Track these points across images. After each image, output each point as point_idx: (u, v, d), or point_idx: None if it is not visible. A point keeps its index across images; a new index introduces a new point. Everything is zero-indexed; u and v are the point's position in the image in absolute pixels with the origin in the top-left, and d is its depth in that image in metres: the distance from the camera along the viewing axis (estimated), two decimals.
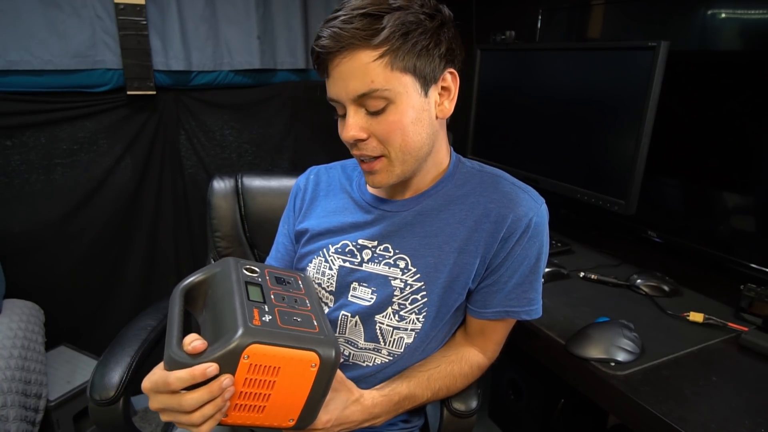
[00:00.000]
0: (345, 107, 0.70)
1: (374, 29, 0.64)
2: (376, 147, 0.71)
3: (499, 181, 0.79)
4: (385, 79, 0.66)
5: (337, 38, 0.65)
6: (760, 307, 0.94)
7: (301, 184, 0.93)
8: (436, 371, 0.79)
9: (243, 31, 1.64)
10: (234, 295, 0.62)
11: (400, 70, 0.67)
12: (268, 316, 0.60)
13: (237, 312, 0.59)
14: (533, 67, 1.34)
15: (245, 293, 0.63)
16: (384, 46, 0.65)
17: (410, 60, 0.67)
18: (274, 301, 0.64)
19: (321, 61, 0.69)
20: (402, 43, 0.66)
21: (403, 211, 0.80)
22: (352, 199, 0.86)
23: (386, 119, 0.69)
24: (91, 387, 0.82)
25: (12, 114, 1.42)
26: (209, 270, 0.69)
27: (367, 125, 0.70)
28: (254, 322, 0.58)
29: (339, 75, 0.68)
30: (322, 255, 0.84)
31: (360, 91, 0.67)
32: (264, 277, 0.70)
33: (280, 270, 0.75)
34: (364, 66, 0.66)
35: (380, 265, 0.79)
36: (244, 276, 0.67)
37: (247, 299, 0.62)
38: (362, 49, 0.65)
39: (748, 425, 0.69)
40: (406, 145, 0.71)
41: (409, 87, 0.68)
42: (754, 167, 1.05)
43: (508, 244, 0.75)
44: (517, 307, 0.78)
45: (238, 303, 0.60)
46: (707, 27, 1.12)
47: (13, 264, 1.45)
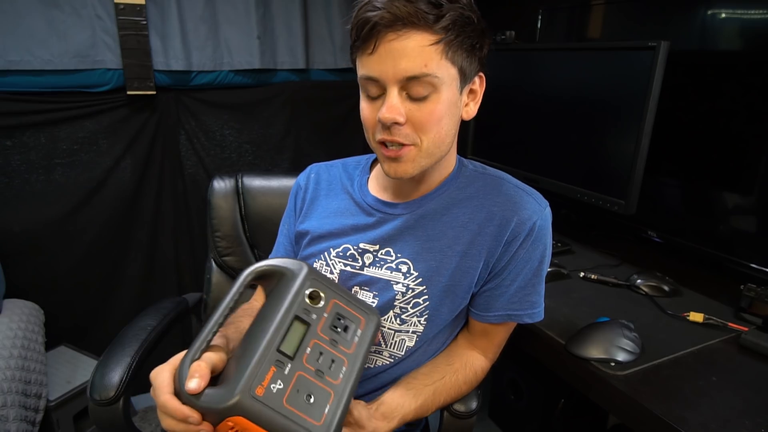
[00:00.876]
0: (385, 87, 0.67)
1: (436, 14, 0.63)
2: (410, 134, 0.69)
3: (502, 183, 0.79)
4: (437, 66, 0.65)
5: (399, 13, 0.62)
6: (760, 307, 0.94)
7: (302, 183, 0.92)
8: (441, 383, 0.78)
9: (243, 31, 1.64)
10: (268, 333, 0.56)
11: (450, 61, 0.66)
12: (279, 386, 0.54)
13: (251, 365, 0.53)
14: (533, 67, 1.34)
15: (281, 336, 0.57)
16: (443, 33, 0.64)
17: (460, 54, 0.67)
18: (304, 361, 0.57)
19: (368, 34, 0.64)
20: (457, 35, 0.65)
21: (406, 215, 0.79)
22: (353, 200, 0.85)
23: (427, 107, 0.67)
24: (91, 387, 0.82)
25: (12, 114, 1.42)
26: (284, 265, 0.64)
27: (406, 109, 0.67)
28: (257, 391, 0.52)
29: (389, 52, 0.64)
30: (323, 259, 0.83)
31: (411, 73, 0.65)
32: (323, 312, 0.62)
33: (350, 303, 0.66)
34: (420, 48, 0.64)
35: (382, 269, 0.79)
36: (303, 304, 0.61)
37: (276, 347, 0.56)
38: (422, 31, 0.63)
39: (748, 425, 0.69)
40: (438, 137, 0.70)
41: (453, 79, 0.68)
42: (754, 167, 1.05)
43: (512, 247, 0.74)
44: (519, 310, 0.78)
45: (261, 350, 0.55)
46: (707, 27, 1.12)
47: (13, 264, 1.45)
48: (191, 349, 0.56)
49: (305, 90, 1.83)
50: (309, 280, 0.63)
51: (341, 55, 1.86)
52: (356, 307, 0.67)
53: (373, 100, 0.70)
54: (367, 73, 0.67)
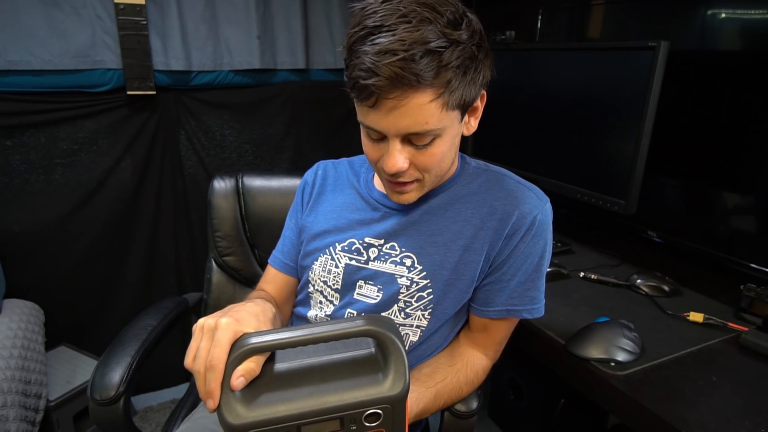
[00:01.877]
0: (387, 138, 0.67)
1: (437, 71, 0.60)
2: (414, 174, 0.71)
3: (504, 179, 0.80)
4: (438, 120, 0.65)
5: (397, 79, 0.59)
6: (760, 307, 0.94)
7: (309, 179, 0.93)
8: (443, 385, 0.78)
9: (243, 31, 1.64)
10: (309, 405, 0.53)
11: (451, 108, 0.66)
12: None
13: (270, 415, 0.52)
14: (533, 67, 1.34)
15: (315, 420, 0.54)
16: (442, 87, 0.62)
17: (461, 96, 0.66)
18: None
19: (368, 94, 0.62)
20: (459, 82, 0.64)
21: (410, 210, 0.80)
22: (359, 195, 0.86)
23: (430, 152, 0.69)
24: (91, 387, 0.82)
25: (12, 114, 1.42)
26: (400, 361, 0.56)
27: (410, 156, 0.69)
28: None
29: (389, 111, 0.63)
30: (328, 253, 0.84)
31: (412, 130, 0.65)
32: (367, 429, 0.56)
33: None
34: (420, 107, 0.62)
35: (386, 263, 0.80)
36: (359, 414, 0.55)
37: (300, 424, 0.54)
38: (421, 91, 0.61)
39: (748, 425, 0.69)
40: (441, 170, 0.73)
41: (454, 120, 0.68)
42: (754, 167, 1.06)
43: (513, 241, 0.75)
44: (519, 305, 0.78)
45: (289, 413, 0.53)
46: (707, 27, 1.12)
47: (13, 264, 1.45)
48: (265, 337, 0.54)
49: (305, 90, 1.83)
50: (388, 405, 0.56)
51: (341, 55, 1.86)
52: None
53: (375, 141, 0.70)
54: (368, 124, 0.67)
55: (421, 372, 0.79)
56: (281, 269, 0.93)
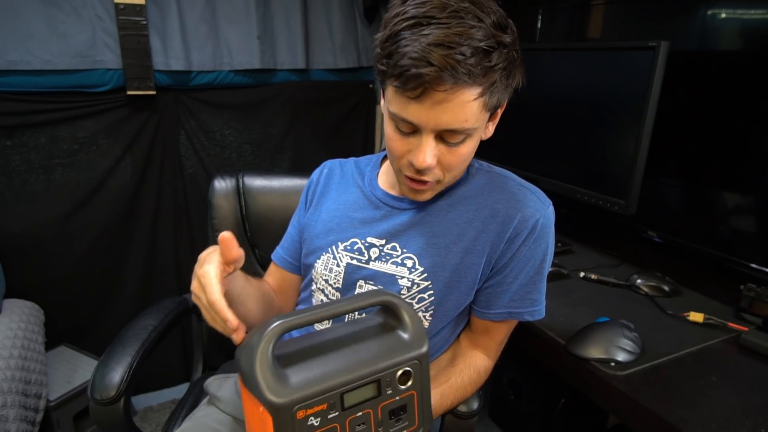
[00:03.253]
0: (421, 131, 0.67)
1: (486, 69, 0.61)
2: (438, 173, 0.71)
3: (506, 181, 0.80)
4: (476, 119, 0.65)
5: (453, 72, 0.59)
6: (760, 307, 0.94)
7: (315, 178, 0.94)
8: (448, 385, 0.79)
9: (243, 31, 1.64)
10: (350, 374, 0.56)
11: (487, 109, 0.66)
12: (315, 423, 0.54)
13: (314, 388, 0.54)
14: (533, 67, 1.34)
15: (355, 386, 0.57)
16: (488, 85, 0.63)
17: (498, 98, 0.66)
18: (347, 420, 0.57)
19: (417, 84, 0.61)
20: (501, 84, 0.64)
21: (412, 210, 0.80)
22: (363, 193, 0.86)
23: (459, 151, 0.69)
24: (92, 386, 0.82)
25: (12, 114, 1.41)
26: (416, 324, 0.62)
27: (439, 154, 0.69)
28: (298, 414, 0.53)
29: (433, 104, 0.63)
30: (330, 252, 0.84)
31: (451, 127, 0.65)
32: (397, 394, 0.60)
33: (424, 406, 0.63)
34: (464, 104, 0.63)
35: (387, 264, 0.80)
36: (392, 374, 0.59)
37: (342, 391, 0.56)
38: (469, 87, 0.62)
39: (748, 425, 0.69)
40: (460, 171, 0.74)
41: (485, 122, 0.69)
42: (754, 167, 1.06)
43: (515, 244, 0.75)
44: (520, 308, 0.78)
45: (332, 383, 0.55)
46: (707, 27, 1.12)
47: (13, 264, 1.45)
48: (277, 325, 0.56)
49: (305, 90, 1.83)
50: (416, 360, 0.62)
51: (341, 55, 1.86)
52: (422, 412, 0.65)
53: (404, 135, 0.69)
54: (405, 117, 0.66)
55: None
56: (282, 265, 0.94)
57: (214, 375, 0.97)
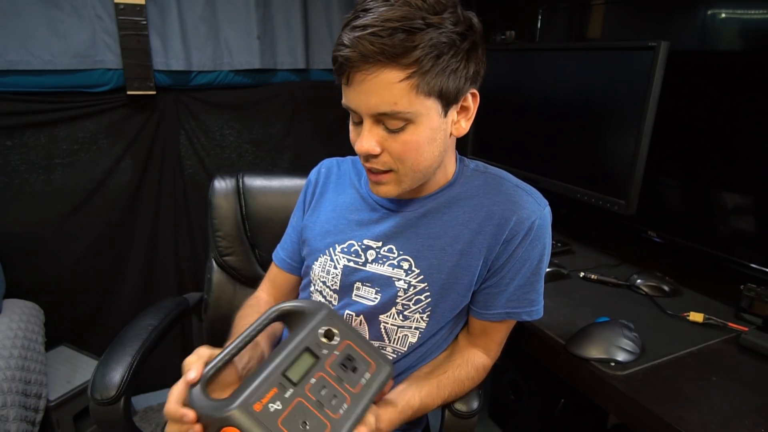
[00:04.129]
0: (362, 118, 0.69)
1: (405, 48, 0.60)
2: (387, 162, 0.70)
3: (502, 182, 0.79)
4: (408, 102, 0.64)
5: (365, 52, 0.61)
6: (760, 307, 0.94)
7: (312, 178, 0.93)
8: (445, 377, 0.79)
9: (243, 31, 1.64)
10: (277, 359, 0.59)
11: (424, 94, 0.65)
12: (277, 406, 0.55)
13: (254, 384, 0.56)
14: (533, 67, 1.34)
15: (289, 362, 0.59)
16: (413, 67, 0.62)
17: (437, 83, 0.64)
18: (306, 389, 0.58)
19: (341, 69, 0.65)
20: (432, 66, 0.63)
21: (408, 212, 0.80)
22: (360, 195, 0.86)
23: (403, 138, 0.68)
24: (92, 386, 0.82)
25: (12, 114, 1.42)
26: (305, 305, 0.67)
27: (382, 140, 0.68)
28: (254, 407, 0.54)
29: (360, 88, 0.64)
30: (328, 254, 0.84)
31: (381, 110, 0.65)
32: (334, 350, 0.63)
33: (367, 348, 0.67)
34: (389, 85, 0.63)
35: (384, 266, 0.79)
36: (316, 339, 0.63)
37: (282, 371, 0.58)
38: (390, 68, 0.62)
39: (748, 425, 0.69)
40: (418, 164, 0.71)
41: (430, 109, 0.67)
42: (754, 167, 1.06)
43: (511, 246, 0.75)
44: (518, 308, 0.78)
45: (267, 372, 0.57)
46: (707, 27, 1.12)
47: (13, 264, 1.45)
48: (207, 369, 0.60)
49: (305, 90, 1.83)
50: (327, 319, 0.66)
51: None
52: (370, 353, 0.67)
53: (356, 125, 0.72)
54: (346, 103, 0.69)
55: (421, 371, 0.80)
56: (282, 267, 0.95)
57: None
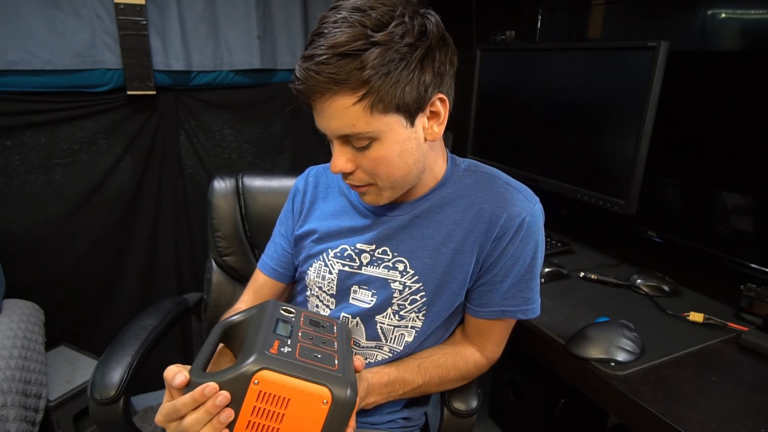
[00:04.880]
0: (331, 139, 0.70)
1: (351, 71, 0.60)
2: (363, 177, 0.72)
3: (493, 180, 0.79)
4: (366, 123, 0.64)
5: (312, 82, 0.62)
6: (760, 307, 0.94)
7: (300, 186, 0.92)
8: (428, 360, 0.80)
9: (243, 31, 1.64)
10: (261, 328, 0.62)
11: (380, 112, 0.64)
12: (288, 348, 0.59)
13: (257, 341, 0.59)
14: (533, 67, 1.34)
15: (273, 327, 0.63)
16: (363, 89, 0.62)
17: (392, 99, 0.63)
18: (299, 338, 0.63)
19: (301, 99, 0.67)
20: (381, 83, 0.62)
21: (400, 216, 0.80)
22: (349, 202, 0.85)
23: (371, 155, 0.68)
24: (91, 386, 0.82)
25: (12, 114, 1.42)
26: (249, 312, 0.69)
27: (353, 158, 0.70)
28: (271, 350, 0.57)
29: (321, 114, 0.67)
30: (321, 260, 0.84)
31: (342, 132, 0.67)
32: (298, 317, 0.68)
33: (318, 315, 0.72)
34: (344, 110, 0.64)
35: (379, 268, 0.80)
36: (278, 314, 0.67)
37: (272, 331, 0.62)
38: (340, 94, 0.62)
39: (748, 425, 0.69)
40: (392, 175, 0.71)
41: (393, 124, 0.66)
42: (754, 167, 1.06)
43: (502, 243, 0.75)
44: (513, 306, 0.78)
45: (261, 333, 0.60)
46: (707, 27, 1.12)
47: (13, 264, 1.45)
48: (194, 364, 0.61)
49: None
50: (277, 304, 0.69)
51: None
52: (324, 317, 0.72)
53: (329, 144, 0.73)
54: (316, 124, 0.70)
55: (409, 357, 0.82)
56: (271, 275, 0.93)
57: None
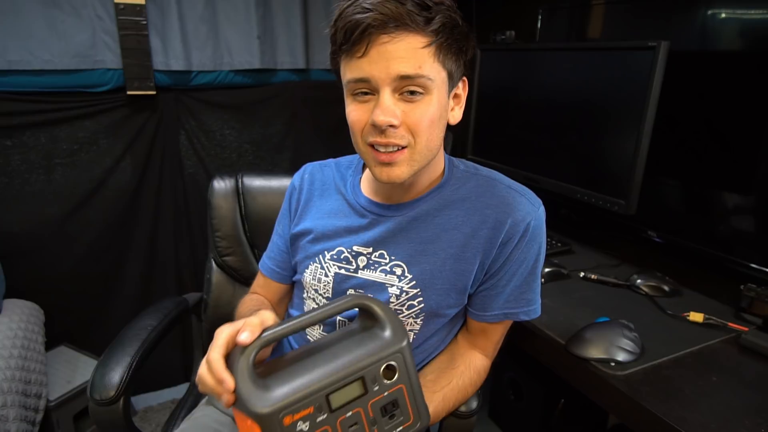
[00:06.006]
0: (376, 89, 0.66)
1: (426, 16, 0.63)
2: (405, 135, 0.68)
3: (495, 184, 0.78)
4: (430, 68, 0.65)
5: (391, 15, 0.61)
6: (760, 307, 0.94)
7: (296, 184, 0.91)
8: (449, 388, 0.78)
9: (243, 31, 1.64)
10: (330, 376, 0.57)
11: (441, 64, 0.67)
12: (304, 427, 0.55)
13: (296, 394, 0.55)
14: (533, 67, 1.34)
15: (338, 386, 0.57)
16: (433, 35, 0.64)
17: (449, 57, 0.67)
18: (338, 422, 0.57)
19: (359, 37, 0.62)
20: (447, 37, 0.66)
21: (398, 216, 0.79)
22: (346, 201, 0.84)
23: (419, 108, 0.67)
24: (91, 387, 0.82)
25: (12, 114, 1.41)
26: (392, 322, 0.64)
27: (400, 111, 0.66)
28: (285, 420, 0.54)
29: (382, 54, 0.63)
30: (317, 262, 0.83)
31: (405, 72, 0.64)
32: (386, 390, 0.60)
33: (415, 399, 0.63)
34: (413, 50, 0.64)
35: (376, 272, 0.78)
36: (375, 371, 0.60)
37: (327, 393, 0.56)
38: (414, 33, 0.63)
39: (748, 425, 0.69)
40: (429, 140, 0.69)
41: (443, 82, 0.69)
42: (754, 167, 1.06)
43: (507, 248, 0.75)
44: (516, 308, 0.78)
45: (314, 388, 0.56)
46: (707, 27, 1.12)
47: (13, 264, 1.45)
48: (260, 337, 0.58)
49: (305, 90, 1.83)
50: (398, 354, 0.62)
51: None
52: (415, 405, 0.64)
53: (362, 103, 0.68)
54: (358, 76, 0.66)
55: (426, 379, 0.79)
56: (270, 276, 0.93)
57: None
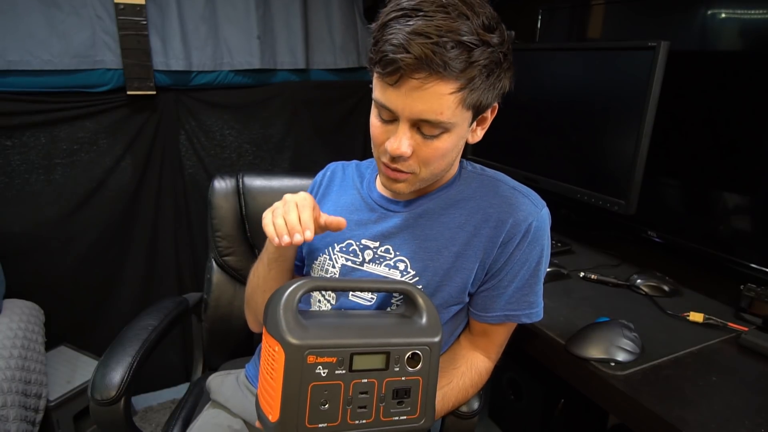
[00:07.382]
0: (399, 119, 0.67)
1: (464, 62, 0.61)
2: (412, 165, 0.71)
3: (499, 185, 0.79)
4: (452, 114, 0.65)
5: (428, 61, 0.60)
6: (760, 307, 0.94)
7: (318, 180, 0.95)
8: (449, 388, 0.79)
9: (243, 31, 1.64)
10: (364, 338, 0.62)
11: (467, 107, 0.66)
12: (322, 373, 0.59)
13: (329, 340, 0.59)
14: (533, 67, 1.34)
15: (367, 350, 0.61)
16: (466, 82, 0.63)
17: (479, 98, 0.66)
18: (352, 383, 0.60)
19: (394, 70, 0.63)
20: (481, 83, 0.64)
21: (405, 212, 0.80)
22: (360, 195, 0.87)
23: (435, 145, 0.68)
24: (92, 387, 0.82)
25: (12, 114, 1.41)
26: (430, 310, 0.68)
27: (414, 144, 0.68)
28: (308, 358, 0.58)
29: (409, 92, 0.63)
30: (327, 253, 0.85)
31: (425, 117, 0.65)
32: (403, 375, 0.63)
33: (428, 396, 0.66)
34: (439, 95, 0.63)
35: (381, 266, 0.80)
36: (403, 354, 0.63)
37: (353, 352, 0.60)
38: (445, 80, 0.62)
39: (748, 425, 0.69)
40: (439, 168, 0.72)
41: (465, 120, 0.69)
42: (754, 167, 1.06)
43: (508, 248, 0.75)
44: (517, 310, 0.78)
45: (346, 340, 0.60)
46: (707, 27, 1.12)
47: (13, 264, 1.45)
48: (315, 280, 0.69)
49: (305, 90, 1.83)
50: (427, 346, 0.65)
51: (341, 55, 1.86)
52: (425, 402, 0.66)
53: (384, 123, 0.70)
54: (384, 102, 0.67)
55: None
56: None
57: (216, 373, 0.97)
